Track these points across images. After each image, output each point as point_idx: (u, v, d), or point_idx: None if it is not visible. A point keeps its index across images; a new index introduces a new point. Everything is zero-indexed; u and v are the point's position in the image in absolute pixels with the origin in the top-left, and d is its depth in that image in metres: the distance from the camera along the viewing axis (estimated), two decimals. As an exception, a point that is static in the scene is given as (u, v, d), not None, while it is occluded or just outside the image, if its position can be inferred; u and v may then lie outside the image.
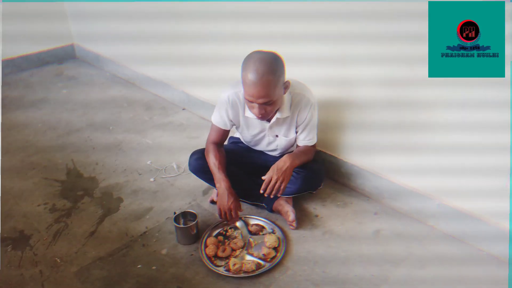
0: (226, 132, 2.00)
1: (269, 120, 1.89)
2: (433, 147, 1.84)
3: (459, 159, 1.76)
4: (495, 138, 1.62)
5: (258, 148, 2.11)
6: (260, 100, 1.67)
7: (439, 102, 1.74)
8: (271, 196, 1.86)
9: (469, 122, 1.67)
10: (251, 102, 1.70)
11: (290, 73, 1.79)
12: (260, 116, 1.74)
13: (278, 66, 1.67)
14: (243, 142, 2.17)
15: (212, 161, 1.91)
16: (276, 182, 1.82)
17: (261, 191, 1.84)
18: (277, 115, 1.85)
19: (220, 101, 1.91)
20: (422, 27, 1.63)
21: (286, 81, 1.75)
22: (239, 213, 1.94)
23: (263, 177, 1.84)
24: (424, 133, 1.85)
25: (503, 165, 1.64)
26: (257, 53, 1.68)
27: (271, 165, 2.07)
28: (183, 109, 3.19)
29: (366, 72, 1.93)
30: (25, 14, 3.87)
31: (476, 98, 1.62)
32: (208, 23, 2.64)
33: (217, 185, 1.89)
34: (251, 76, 1.62)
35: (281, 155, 2.10)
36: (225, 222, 1.95)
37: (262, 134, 1.99)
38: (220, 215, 1.90)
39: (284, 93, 1.77)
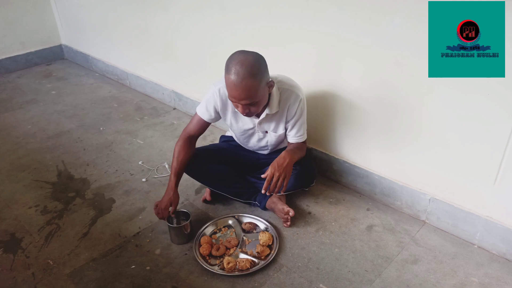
0: (205, 125, 1.97)
1: (258, 116, 1.90)
2: (424, 142, 1.85)
3: (451, 154, 1.78)
4: (485, 133, 1.64)
5: (250, 145, 2.10)
6: (243, 102, 1.66)
7: (429, 97, 1.75)
8: (274, 194, 1.85)
9: (460, 117, 1.69)
10: (235, 102, 1.70)
11: (278, 68, 1.78)
12: (245, 114, 1.73)
13: (259, 68, 1.64)
14: (235, 139, 2.17)
15: (175, 155, 1.91)
16: (278, 179, 1.80)
17: (263, 191, 1.80)
18: (266, 111, 1.85)
19: (209, 93, 1.89)
20: (413, 22, 1.64)
21: (270, 81, 1.73)
22: (231, 220, 1.94)
23: (263, 176, 1.81)
24: (415, 128, 1.86)
25: (494, 159, 1.66)
26: (238, 54, 1.65)
27: (262, 163, 2.09)
28: (174, 108, 3.18)
29: (355, 67, 1.94)
30: (13, 15, 3.83)
31: (466, 93, 1.64)
32: (197, 23, 2.63)
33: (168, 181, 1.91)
34: (232, 78, 1.61)
35: (272, 153, 2.11)
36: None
37: (251, 130, 1.99)
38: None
39: (269, 92, 1.77)
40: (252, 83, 1.61)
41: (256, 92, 1.65)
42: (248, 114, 1.74)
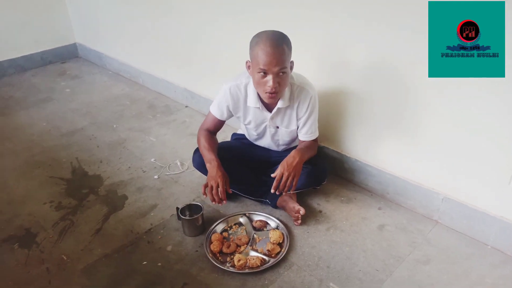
0: (220, 123, 2.02)
1: (270, 111, 1.90)
2: (437, 141, 1.84)
3: (464, 152, 1.76)
4: (499, 131, 1.62)
5: (263, 141, 2.11)
6: (276, 68, 1.66)
7: (442, 94, 1.73)
8: (284, 193, 1.86)
9: (473, 115, 1.67)
10: (266, 73, 1.68)
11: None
12: (273, 90, 1.70)
13: (288, 39, 1.71)
14: (248, 138, 2.17)
15: (203, 144, 1.93)
16: (287, 178, 1.80)
17: (273, 190, 1.82)
18: (279, 104, 1.85)
19: (221, 92, 1.93)
20: (423, 17, 1.63)
21: (292, 61, 1.76)
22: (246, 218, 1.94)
23: (272, 175, 1.82)
24: (427, 127, 1.84)
25: (509, 158, 1.64)
26: (265, 31, 1.71)
27: (274, 161, 2.09)
28: (186, 106, 3.20)
29: (365, 63, 1.93)
30: (27, 14, 3.88)
31: (478, 91, 1.62)
32: (209, 20, 2.64)
33: (207, 165, 1.88)
34: (267, 45, 1.64)
35: (284, 151, 2.11)
36: (212, 203, 1.90)
37: (263, 125, 1.99)
38: (207, 191, 1.85)
39: (290, 72, 1.78)
40: (285, 47, 1.68)
41: (288, 59, 1.70)
42: (276, 92, 1.72)
